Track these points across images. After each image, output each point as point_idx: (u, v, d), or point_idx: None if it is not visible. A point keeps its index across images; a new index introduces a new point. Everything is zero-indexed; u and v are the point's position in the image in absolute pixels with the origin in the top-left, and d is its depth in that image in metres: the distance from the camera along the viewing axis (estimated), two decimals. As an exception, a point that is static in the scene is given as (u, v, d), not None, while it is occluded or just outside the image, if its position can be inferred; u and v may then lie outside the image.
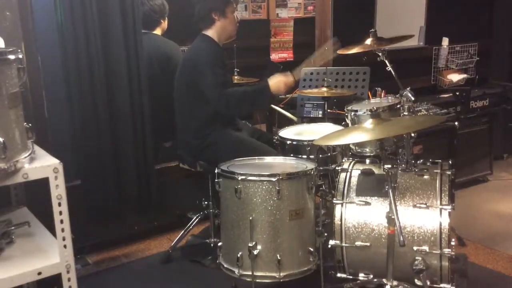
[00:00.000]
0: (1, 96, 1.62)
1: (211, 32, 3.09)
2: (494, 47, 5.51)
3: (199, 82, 2.96)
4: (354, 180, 2.59)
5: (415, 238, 2.36)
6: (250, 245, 2.35)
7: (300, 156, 2.84)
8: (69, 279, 1.82)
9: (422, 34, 5.06)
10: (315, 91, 3.38)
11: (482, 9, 5.42)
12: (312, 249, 2.46)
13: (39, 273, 1.77)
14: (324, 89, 3.28)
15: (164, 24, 3.60)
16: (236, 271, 2.42)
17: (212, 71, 2.94)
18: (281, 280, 2.38)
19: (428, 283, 2.34)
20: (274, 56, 4.56)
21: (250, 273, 2.38)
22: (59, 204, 1.77)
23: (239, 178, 2.38)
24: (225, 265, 2.51)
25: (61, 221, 1.78)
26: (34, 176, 1.73)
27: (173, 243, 3.21)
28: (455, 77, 5.09)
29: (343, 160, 2.76)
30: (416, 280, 2.35)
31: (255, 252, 2.35)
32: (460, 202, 3.71)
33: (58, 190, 1.76)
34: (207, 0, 3.06)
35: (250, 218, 2.36)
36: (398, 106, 2.70)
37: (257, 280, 2.39)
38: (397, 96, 2.87)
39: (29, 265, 1.77)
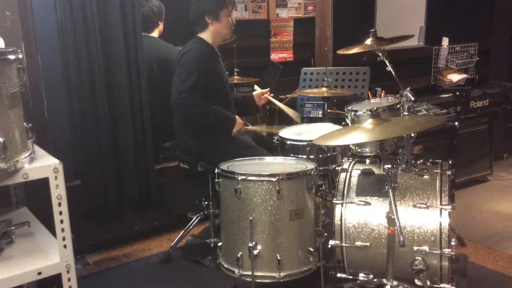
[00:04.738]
0: (1, 96, 1.62)
1: (205, 35, 3.07)
2: (494, 47, 5.51)
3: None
4: (354, 180, 2.59)
5: (415, 238, 2.36)
6: (250, 245, 2.35)
7: (300, 156, 2.84)
8: (69, 279, 1.82)
9: (422, 34, 5.06)
10: (315, 91, 3.38)
11: (482, 9, 5.42)
12: (312, 249, 2.46)
13: (39, 273, 1.77)
14: (324, 89, 3.28)
15: (161, 26, 3.61)
16: (236, 271, 2.42)
17: (186, 68, 2.90)
18: (281, 280, 2.38)
19: (428, 283, 2.34)
20: (274, 56, 4.56)
21: (250, 273, 2.38)
22: (59, 204, 1.77)
23: (239, 178, 2.38)
24: (225, 265, 2.51)
25: (61, 221, 1.78)
26: (34, 176, 1.73)
27: (173, 243, 3.21)
28: (455, 77, 5.08)
29: (343, 160, 2.76)
30: (416, 280, 2.35)
31: (255, 252, 2.35)
32: (460, 202, 3.72)
33: (58, 190, 1.76)
34: (200, 3, 3.04)
35: (250, 218, 2.36)
36: (398, 106, 2.70)
37: (257, 280, 2.39)
38: (397, 96, 2.87)
39: (29, 265, 1.77)
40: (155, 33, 3.57)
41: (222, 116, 3.00)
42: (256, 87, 3.45)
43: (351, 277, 2.53)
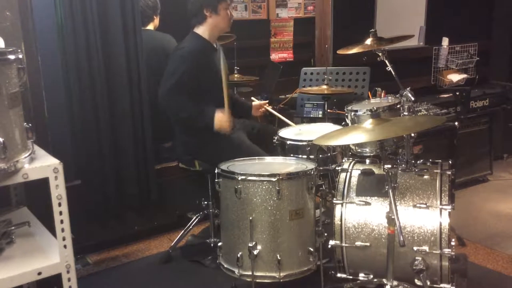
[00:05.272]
0: (1, 96, 1.62)
1: (202, 29, 3.06)
2: (494, 47, 5.51)
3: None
4: (354, 180, 2.59)
5: (415, 238, 2.36)
6: (250, 245, 2.35)
7: (300, 156, 2.84)
8: (69, 279, 1.82)
9: (422, 34, 5.06)
10: (315, 89, 3.38)
11: (482, 9, 5.42)
12: (312, 249, 2.46)
13: (39, 273, 1.77)
14: (324, 87, 3.29)
15: (156, 21, 3.60)
16: (236, 271, 2.42)
17: (170, 67, 2.92)
18: (281, 280, 2.38)
19: (428, 283, 2.34)
20: (274, 56, 4.56)
21: (250, 273, 2.38)
22: (59, 204, 1.77)
23: (239, 178, 2.38)
24: (225, 265, 2.51)
25: (61, 221, 1.78)
26: (34, 176, 1.73)
27: (173, 243, 3.21)
28: (455, 77, 5.08)
29: (343, 160, 2.76)
30: (416, 280, 2.35)
31: (255, 252, 2.35)
32: (460, 202, 3.72)
33: (58, 190, 1.76)
34: None
35: (250, 218, 2.36)
36: (398, 106, 2.70)
37: (257, 280, 2.39)
38: (397, 96, 2.87)
39: (29, 265, 1.77)
40: (150, 27, 3.57)
41: (198, 112, 2.94)
42: (253, 98, 3.46)
43: (351, 277, 2.53)
